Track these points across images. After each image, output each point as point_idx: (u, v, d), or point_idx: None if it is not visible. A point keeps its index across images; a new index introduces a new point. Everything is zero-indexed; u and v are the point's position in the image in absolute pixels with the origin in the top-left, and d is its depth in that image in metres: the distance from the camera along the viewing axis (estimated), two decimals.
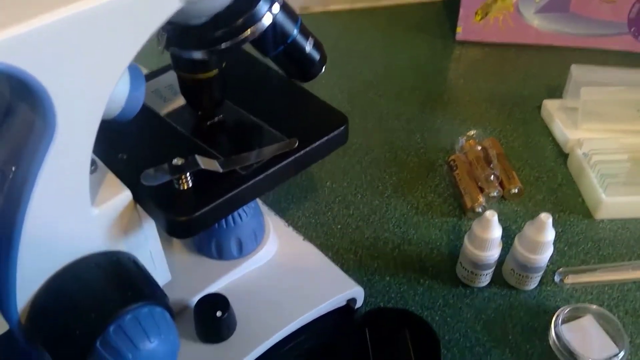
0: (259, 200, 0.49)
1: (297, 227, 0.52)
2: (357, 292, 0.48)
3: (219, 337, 0.40)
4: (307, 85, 0.41)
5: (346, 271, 0.49)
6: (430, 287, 0.53)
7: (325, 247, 0.54)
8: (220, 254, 0.45)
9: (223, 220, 0.43)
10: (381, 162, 0.65)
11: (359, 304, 0.49)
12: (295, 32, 0.34)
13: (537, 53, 0.80)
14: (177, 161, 0.33)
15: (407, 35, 0.84)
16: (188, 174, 0.33)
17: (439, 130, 0.68)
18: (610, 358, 0.46)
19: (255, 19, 0.32)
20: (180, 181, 0.33)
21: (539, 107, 0.70)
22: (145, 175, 0.33)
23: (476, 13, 0.78)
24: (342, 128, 0.39)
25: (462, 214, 0.59)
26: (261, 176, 0.35)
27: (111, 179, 0.33)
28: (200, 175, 0.34)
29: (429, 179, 0.63)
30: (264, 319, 0.42)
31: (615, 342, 0.48)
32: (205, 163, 0.34)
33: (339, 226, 0.58)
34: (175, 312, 0.42)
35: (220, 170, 0.34)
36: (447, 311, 0.51)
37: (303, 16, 0.36)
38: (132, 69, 0.31)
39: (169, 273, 0.41)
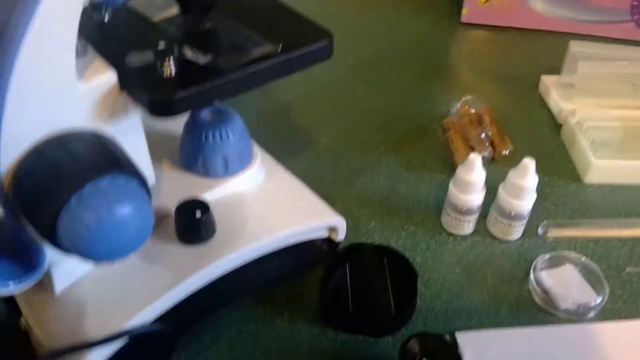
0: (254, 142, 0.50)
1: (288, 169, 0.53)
2: (337, 220, 0.48)
3: (197, 238, 0.41)
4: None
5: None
6: (414, 233, 0.53)
7: (314, 192, 0.55)
8: (207, 170, 0.46)
9: (210, 136, 0.45)
10: (377, 124, 0.66)
11: (340, 236, 0.50)
12: None
13: (539, 37, 0.81)
14: (161, 45, 0.35)
15: (413, 15, 0.86)
16: (172, 60, 0.35)
17: (436, 99, 0.70)
18: (589, 303, 0.46)
19: None
20: (164, 66, 0.35)
21: (537, 85, 0.71)
22: (131, 57, 0.35)
23: None
24: (326, 42, 0.40)
25: (452, 171, 0.59)
26: (241, 72, 0.36)
27: (100, 62, 0.35)
28: (184, 66, 0.36)
29: (423, 141, 0.64)
30: (244, 230, 0.43)
31: (595, 291, 0.47)
32: (190, 54, 0.35)
33: (330, 176, 0.59)
34: (159, 217, 0.44)
35: (203, 61, 0.36)
36: (429, 254, 0.51)
37: None
38: None
39: (153, 175, 0.42)
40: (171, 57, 0.35)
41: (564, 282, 0.48)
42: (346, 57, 0.76)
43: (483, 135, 0.59)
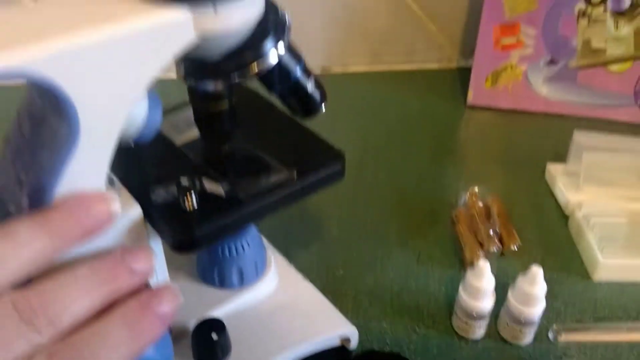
0: (264, 238, 0.51)
1: (300, 269, 0.54)
2: (351, 331, 0.49)
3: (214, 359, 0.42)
4: (313, 129, 0.45)
5: (344, 314, 0.51)
6: (425, 336, 0.54)
7: (325, 290, 0.55)
8: (222, 282, 0.47)
9: (226, 249, 0.46)
10: (387, 212, 0.67)
11: (353, 345, 0.50)
12: (298, 70, 0.38)
13: (544, 120, 0.83)
14: (184, 182, 0.36)
15: (421, 98, 0.88)
16: (194, 196, 0.36)
17: (445, 185, 0.71)
18: None
19: (261, 54, 0.35)
20: (186, 201, 0.36)
21: (544, 171, 0.72)
22: (156, 192, 0.36)
23: (487, 80, 0.82)
24: (338, 164, 0.41)
25: (462, 267, 0.60)
26: (260, 202, 0.38)
27: (125, 195, 0.36)
28: (205, 198, 0.37)
29: (432, 231, 0.64)
30: (258, 348, 0.44)
31: None
32: (210, 186, 0.37)
33: (341, 271, 0.60)
34: (175, 335, 0.44)
35: (223, 194, 0.37)
36: None
37: (323, 76, 0.40)
38: (152, 96, 0.34)
39: None
40: (193, 192, 0.36)
41: None
42: (356, 141, 0.78)
43: (491, 231, 0.60)
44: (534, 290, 0.49)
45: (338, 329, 0.48)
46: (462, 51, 0.94)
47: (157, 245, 0.39)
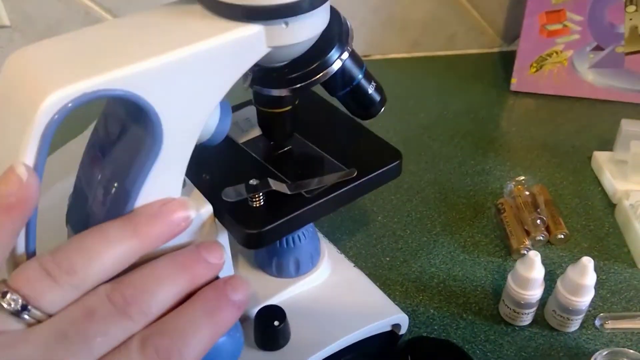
0: (316, 228, 0.53)
1: (349, 257, 0.56)
2: (401, 318, 0.51)
3: (275, 345, 0.45)
4: (366, 125, 0.46)
5: (393, 300, 0.53)
6: (473, 322, 0.55)
7: (373, 277, 0.57)
8: (280, 272, 0.49)
9: (284, 241, 0.48)
10: (431, 201, 0.68)
11: (403, 330, 0.52)
12: (360, 76, 0.39)
13: (590, 106, 0.82)
14: (253, 182, 0.38)
15: (462, 84, 0.88)
16: (261, 193, 0.38)
17: (489, 174, 0.72)
18: None
19: (327, 65, 0.37)
20: (255, 199, 0.38)
21: (590, 158, 0.72)
22: (226, 192, 0.38)
23: (531, 66, 0.82)
24: (397, 162, 0.43)
25: (508, 255, 0.61)
26: (323, 200, 0.40)
27: (196, 194, 0.38)
28: (271, 196, 0.39)
29: (476, 220, 0.66)
30: (315, 334, 0.46)
31: None
32: (275, 185, 0.39)
33: (388, 259, 0.62)
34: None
35: (288, 192, 0.39)
36: (488, 346, 0.53)
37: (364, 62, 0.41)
38: (223, 104, 0.36)
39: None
40: (260, 191, 0.38)
41: None
42: (397, 129, 0.79)
43: (538, 220, 0.61)
44: (583, 281, 0.50)
45: (390, 315, 0.50)
46: (505, 37, 0.93)
47: (224, 240, 0.41)
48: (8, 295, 0.26)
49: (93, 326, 0.27)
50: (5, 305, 0.26)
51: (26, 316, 0.26)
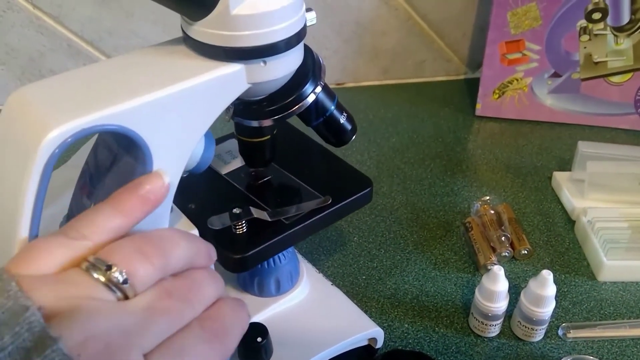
0: (295, 249, 0.56)
1: (327, 276, 0.59)
2: (377, 332, 0.54)
3: None
4: (340, 150, 0.50)
5: (369, 316, 0.56)
6: (444, 335, 0.59)
7: (351, 295, 0.60)
8: (261, 291, 0.52)
9: (265, 262, 0.51)
10: (404, 221, 0.72)
11: (379, 344, 0.55)
12: (332, 107, 0.43)
13: (549, 129, 0.87)
14: (236, 210, 0.41)
15: (431, 109, 0.93)
16: (244, 221, 0.41)
17: (457, 194, 0.76)
18: None
19: (302, 98, 0.40)
20: (238, 227, 0.41)
21: (550, 178, 0.77)
22: (211, 220, 0.41)
23: (494, 92, 0.87)
24: (368, 189, 0.46)
25: (476, 270, 0.65)
26: (301, 226, 0.43)
27: (184, 220, 0.41)
28: (253, 223, 0.42)
29: (446, 238, 0.69)
30: (297, 348, 0.49)
31: None
32: (257, 213, 0.42)
33: (364, 277, 0.65)
34: None
35: (269, 219, 0.42)
36: (459, 357, 0.56)
37: (338, 90, 0.45)
38: (207, 135, 0.39)
39: None
40: (243, 219, 0.41)
41: None
42: (370, 152, 0.83)
43: (503, 237, 0.65)
44: (545, 293, 0.54)
45: (366, 330, 0.53)
46: (469, 64, 0.99)
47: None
48: (114, 269, 0.28)
49: (174, 304, 0.29)
50: (103, 279, 0.28)
51: (118, 291, 0.28)
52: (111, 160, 0.37)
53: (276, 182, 0.47)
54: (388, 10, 0.90)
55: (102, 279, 0.28)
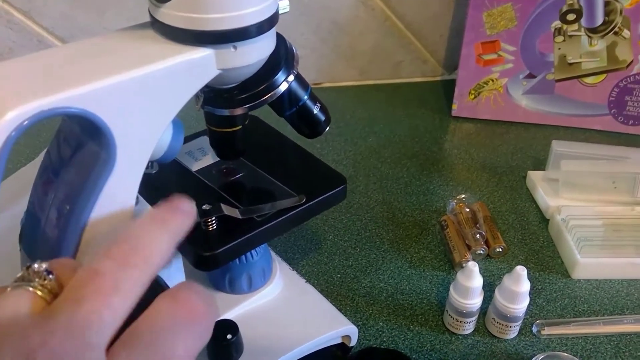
0: (270, 248, 0.55)
1: (302, 274, 0.58)
2: (350, 329, 0.53)
3: (229, 359, 0.46)
4: (317, 149, 0.49)
5: (344, 314, 0.55)
6: (419, 333, 0.58)
7: (325, 293, 0.59)
8: (233, 288, 0.51)
9: (236, 258, 0.50)
10: (380, 220, 0.71)
11: (353, 342, 0.54)
12: (305, 97, 0.42)
13: (524, 129, 0.88)
14: (205, 207, 0.40)
15: (408, 110, 0.93)
16: (214, 218, 0.40)
17: (433, 193, 0.75)
18: None
19: (274, 86, 0.40)
20: (208, 223, 0.40)
21: (524, 177, 0.77)
22: None
23: (469, 93, 0.87)
24: (342, 187, 0.46)
25: (451, 268, 0.65)
26: (273, 223, 0.42)
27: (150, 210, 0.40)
28: (224, 220, 0.41)
29: (422, 237, 0.69)
30: (268, 346, 0.48)
31: None
32: (227, 210, 0.41)
33: (339, 275, 0.64)
34: None
35: (240, 217, 0.41)
36: (434, 355, 0.56)
37: (315, 90, 0.44)
38: (175, 123, 0.38)
39: None
40: (213, 216, 0.40)
41: None
42: (347, 152, 0.82)
43: (478, 235, 0.65)
44: (518, 289, 0.54)
45: (340, 327, 0.52)
46: (446, 66, 0.99)
47: (178, 263, 0.43)
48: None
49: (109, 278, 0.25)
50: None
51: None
52: (74, 148, 0.35)
53: (248, 180, 0.46)
54: (365, 11, 0.90)
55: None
